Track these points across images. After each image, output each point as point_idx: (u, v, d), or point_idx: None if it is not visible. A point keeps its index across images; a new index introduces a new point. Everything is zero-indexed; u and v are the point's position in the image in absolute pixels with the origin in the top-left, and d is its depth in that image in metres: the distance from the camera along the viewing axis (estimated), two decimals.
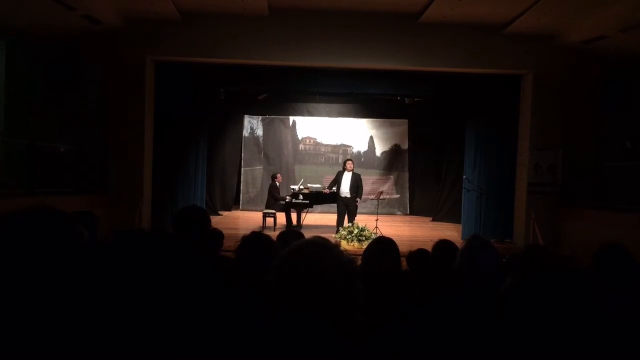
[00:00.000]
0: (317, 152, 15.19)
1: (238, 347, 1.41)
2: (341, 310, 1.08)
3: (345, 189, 10.15)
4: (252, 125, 15.06)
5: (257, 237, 2.47)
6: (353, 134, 15.10)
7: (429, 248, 3.64)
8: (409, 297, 2.56)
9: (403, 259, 3.15)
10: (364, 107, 14.76)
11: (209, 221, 2.64)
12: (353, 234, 9.23)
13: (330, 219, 10.99)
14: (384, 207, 13.14)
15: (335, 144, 15.16)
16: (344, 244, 8.81)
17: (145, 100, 9.68)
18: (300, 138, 15.17)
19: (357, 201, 10.17)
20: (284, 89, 12.19)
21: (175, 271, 1.29)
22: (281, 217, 10.84)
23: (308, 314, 1.06)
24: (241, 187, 14.87)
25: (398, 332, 2.11)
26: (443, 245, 3.50)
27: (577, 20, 8.81)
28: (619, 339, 1.67)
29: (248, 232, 2.57)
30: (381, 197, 11.19)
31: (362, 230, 9.32)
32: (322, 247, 1.14)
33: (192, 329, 1.28)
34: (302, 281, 1.08)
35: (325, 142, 15.17)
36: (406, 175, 15.06)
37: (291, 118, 15.06)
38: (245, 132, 15.01)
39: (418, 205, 14.89)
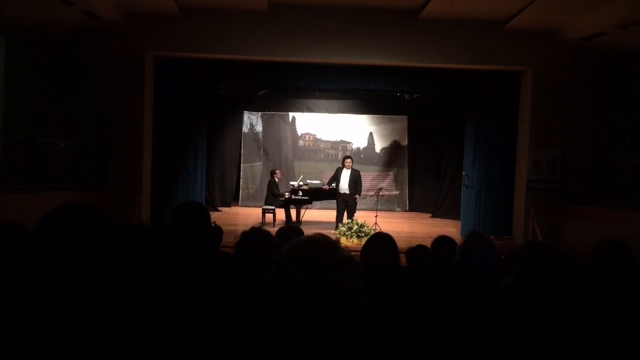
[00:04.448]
0: (316, 149, 15.19)
1: (238, 344, 1.42)
2: (342, 308, 1.08)
3: (344, 185, 10.16)
4: (252, 121, 15.06)
5: (256, 233, 2.47)
6: (353, 130, 15.10)
7: (428, 244, 3.64)
8: (408, 293, 2.57)
9: (402, 255, 3.15)
10: (364, 104, 14.75)
11: (209, 216, 2.64)
12: (352, 231, 9.26)
13: (330, 215, 11.00)
14: (383, 204, 13.15)
15: (334, 140, 15.16)
16: (343, 241, 8.83)
17: (144, 96, 9.67)
18: (299, 134, 15.17)
19: (356, 197, 10.17)
20: (284, 85, 12.17)
21: (174, 266, 1.30)
22: (280, 214, 10.84)
23: (309, 311, 1.06)
24: (240, 183, 14.88)
25: (398, 329, 2.12)
26: (442, 241, 3.51)
27: (577, 17, 8.80)
28: (619, 335, 1.68)
29: (247, 228, 2.57)
30: (380, 193, 11.20)
31: (362, 226, 9.34)
32: (323, 244, 1.14)
33: (190, 326, 1.29)
34: (303, 278, 1.08)
35: (324, 138, 15.16)
36: (406, 171, 15.07)
37: (291, 114, 15.05)
38: (245, 128, 15.01)
39: (417, 201, 14.91)
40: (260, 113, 15.00)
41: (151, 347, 1.20)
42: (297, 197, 10.51)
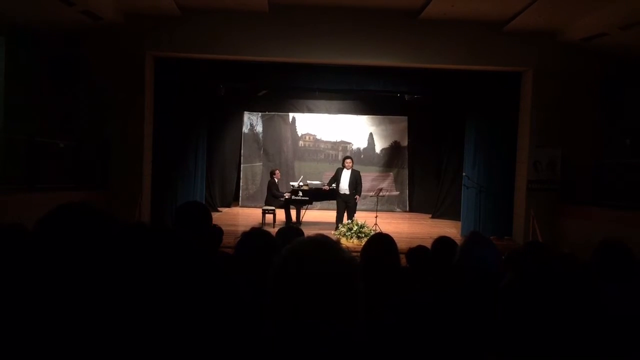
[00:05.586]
0: (316, 149, 15.18)
1: (238, 344, 1.42)
2: (343, 308, 1.08)
3: (344, 185, 10.15)
4: (252, 121, 15.05)
5: (256, 234, 2.47)
6: (353, 130, 15.09)
7: (429, 245, 3.64)
8: (408, 293, 2.57)
9: (402, 255, 3.15)
10: (364, 104, 14.75)
11: (210, 217, 2.65)
12: (352, 231, 9.25)
13: (330, 215, 10.99)
14: (383, 204, 13.14)
15: (334, 140, 15.15)
16: (343, 241, 8.82)
17: (145, 96, 9.68)
18: (299, 135, 15.16)
19: (356, 198, 10.17)
20: (284, 86, 12.18)
21: (174, 266, 1.30)
22: (280, 214, 10.84)
23: (309, 311, 1.06)
24: (241, 184, 14.87)
25: (398, 329, 2.12)
26: (442, 242, 3.50)
27: (578, 17, 8.81)
28: (618, 334, 1.68)
29: (247, 228, 2.57)
30: (380, 194, 11.19)
31: (362, 227, 9.34)
32: (324, 245, 1.14)
33: (190, 326, 1.29)
34: (304, 279, 1.08)
35: (324, 138, 15.15)
36: (406, 172, 15.06)
37: (291, 115, 15.04)
38: (245, 129, 15.00)
39: (417, 202, 14.89)
40: (260, 113, 14.99)
41: (151, 346, 1.20)
42: (297, 198, 10.51)
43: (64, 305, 1.20)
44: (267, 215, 10.73)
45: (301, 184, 11.01)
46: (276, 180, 11.34)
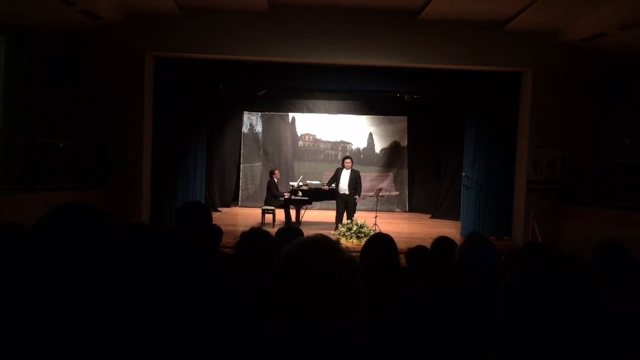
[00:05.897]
0: (316, 149, 15.18)
1: (237, 344, 1.42)
2: (343, 308, 1.08)
3: (344, 185, 10.15)
4: (252, 121, 15.06)
5: (256, 234, 2.47)
6: (352, 130, 15.09)
7: (428, 245, 3.64)
8: (408, 293, 2.57)
9: (402, 255, 3.16)
10: (364, 104, 14.76)
11: (210, 217, 2.65)
12: (352, 231, 9.26)
13: (329, 215, 11.00)
14: (383, 204, 13.15)
15: (334, 140, 15.15)
16: (342, 241, 8.83)
17: (144, 96, 9.67)
18: (299, 135, 15.16)
19: (356, 198, 10.17)
20: (284, 86, 12.17)
21: (174, 266, 1.30)
22: (280, 214, 10.84)
23: (309, 312, 1.06)
24: (240, 184, 14.87)
25: (398, 329, 2.12)
26: (442, 242, 3.50)
27: (577, 17, 8.81)
28: (619, 335, 1.68)
29: (247, 228, 2.57)
30: (380, 194, 11.20)
31: (361, 227, 9.34)
32: (324, 245, 1.14)
33: (189, 325, 1.29)
34: (304, 279, 1.08)
35: (324, 138, 15.16)
36: (405, 172, 15.06)
37: (290, 114, 15.05)
38: (245, 129, 15.00)
39: (417, 202, 14.90)
40: (260, 113, 14.99)
41: (151, 346, 1.20)
42: (296, 198, 10.51)
43: (64, 305, 1.20)
44: (266, 215, 10.73)
45: (301, 184, 11.01)
46: (276, 180, 11.34)
